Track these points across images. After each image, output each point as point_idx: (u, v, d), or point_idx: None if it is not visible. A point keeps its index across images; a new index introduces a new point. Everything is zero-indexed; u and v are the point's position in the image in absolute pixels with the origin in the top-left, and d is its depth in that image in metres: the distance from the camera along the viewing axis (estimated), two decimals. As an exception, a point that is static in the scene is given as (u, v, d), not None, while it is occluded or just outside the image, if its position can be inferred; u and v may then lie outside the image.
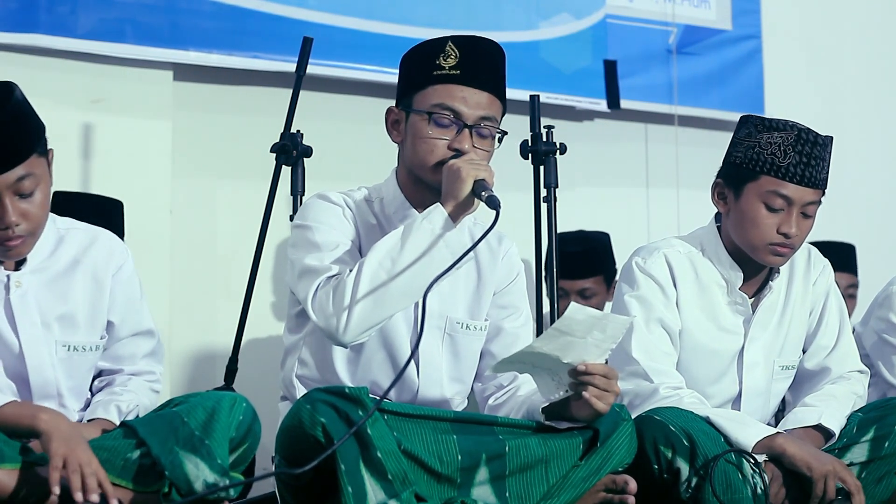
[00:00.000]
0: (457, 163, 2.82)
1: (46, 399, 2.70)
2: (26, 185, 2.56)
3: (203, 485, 2.57)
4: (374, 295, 2.76)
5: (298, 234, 2.94)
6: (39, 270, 2.72)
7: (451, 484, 2.76)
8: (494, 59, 2.97)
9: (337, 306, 2.76)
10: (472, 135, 2.89)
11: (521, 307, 3.12)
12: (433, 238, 2.77)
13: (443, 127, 2.90)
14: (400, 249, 2.77)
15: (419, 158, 2.91)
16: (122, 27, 4.33)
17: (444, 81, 2.90)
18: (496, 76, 2.96)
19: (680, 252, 3.29)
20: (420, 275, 2.75)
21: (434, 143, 2.89)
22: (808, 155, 3.12)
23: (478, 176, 2.79)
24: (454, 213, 2.80)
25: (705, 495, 2.93)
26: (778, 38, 5.80)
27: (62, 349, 2.73)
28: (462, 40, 2.94)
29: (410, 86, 2.95)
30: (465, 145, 2.88)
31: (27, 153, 2.55)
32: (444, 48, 2.92)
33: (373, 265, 2.77)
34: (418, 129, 2.91)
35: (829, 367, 3.33)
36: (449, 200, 2.80)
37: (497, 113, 2.94)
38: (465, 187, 2.78)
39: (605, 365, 2.78)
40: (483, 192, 2.77)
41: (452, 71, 2.90)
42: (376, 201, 3.02)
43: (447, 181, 2.81)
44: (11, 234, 2.57)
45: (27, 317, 2.69)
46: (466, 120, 2.89)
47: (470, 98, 2.90)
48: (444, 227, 2.78)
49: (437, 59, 2.91)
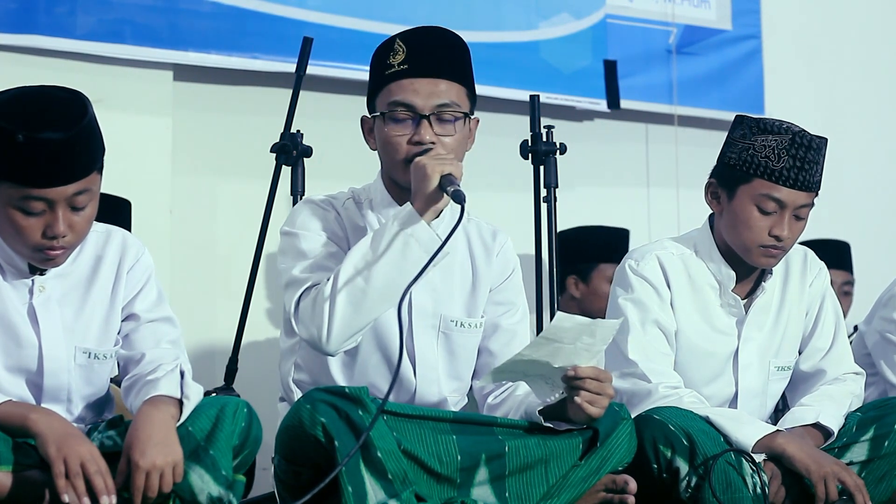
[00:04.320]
0: (422, 159, 2.80)
1: (55, 403, 2.70)
2: (81, 200, 2.57)
3: (207, 498, 2.57)
4: (352, 301, 2.75)
5: (286, 241, 2.94)
6: (63, 275, 2.72)
7: (450, 484, 2.76)
8: (447, 47, 2.95)
9: (317, 318, 2.75)
10: (432, 124, 2.88)
11: (517, 303, 3.10)
12: (404, 237, 2.75)
13: (400, 123, 2.89)
14: (372, 252, 2.76)
15: (388, 160, 2.92)
16: (121, 28, 4.33)
17: (395, 78, 2.90)
18: (450, 61, 2.93)
19: (673, 254, 3.29)
20: (396, 275, 2.74)
21: (396, 142, 2.89)
22: (801, 158, 3.12)
23: (443, 171, 2.76)
24: (423, 209, 2.77)
25: (705, 495, 2.93)
26: (778, 38, 5.80)
27: (82, 355, 2.73)
28: (408, 34, 2.94)
29: (371, 91, 2.96)
30: (425, 137, 2.86)
31: (90, 169, 2.57)
32: (392, 46, 2.92)
33: (348, 272, 2.76)
34: (381, 131, 2.92)
35: (824, 370, 3.33)
36: (417, 198, 2.78)
37: (458, 97, 2.91)
38: (431, 183, 2.76)
39: (595, 368, 2.76)
40: (449, 187, 2.74)
41: (401, 66, 2.90)
42: (365, 202, 3.01)
43: (414, 178, 2.80)
44: (56, 245, 2.58)
45: (49, 321, 2.69)
46: (421, 111, 2.87)
47: (422, 89, 2.88)
48: (413, 224, 2.75)
49: (387, 58, 2.91)
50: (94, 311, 2.76)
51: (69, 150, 2.51)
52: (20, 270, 2.67)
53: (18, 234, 2.56)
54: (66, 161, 2.51)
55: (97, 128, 2.60)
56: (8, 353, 2.65)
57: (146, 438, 2.52)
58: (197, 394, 2.65)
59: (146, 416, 2.57)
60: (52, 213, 2.55)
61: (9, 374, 2.66)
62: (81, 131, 2.53)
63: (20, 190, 2.52)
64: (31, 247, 2.58)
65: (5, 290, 2.66)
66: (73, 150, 2.52)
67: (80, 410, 2.76)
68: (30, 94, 2.57)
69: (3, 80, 2.77)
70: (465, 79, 2.95)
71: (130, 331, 2.80)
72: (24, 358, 2.67)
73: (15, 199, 2.53)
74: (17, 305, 2.67)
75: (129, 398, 2.72)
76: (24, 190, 2.51)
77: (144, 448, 2.51)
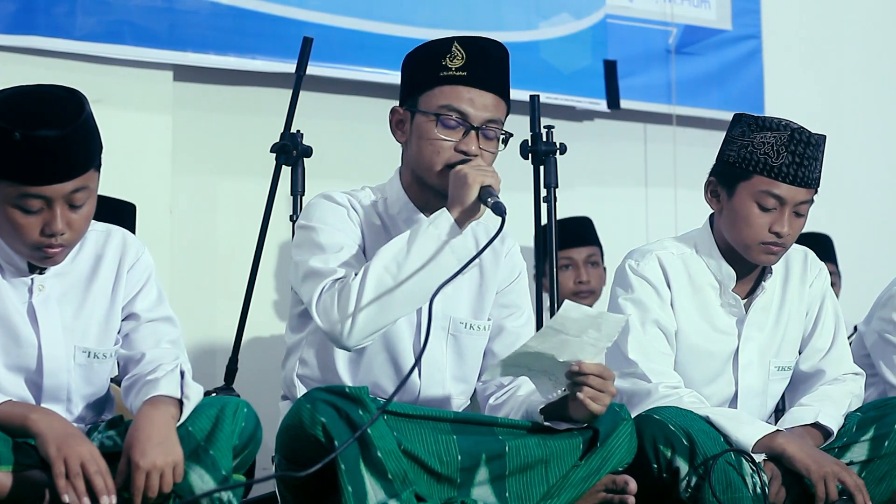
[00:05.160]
0: (463, 168, 2.81)
1: (55, 402, 2.70)
2: (79, 197, 2.57)
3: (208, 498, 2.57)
4: (379, 300, 2.75)
5: (303, 234, 2.93)
6: (62, 275, 2.72)
7: (450, 484, 2.76)
8: (500, 61, 2.96)
9: (342, 311, 2.75)
10: (479, 137, 2.89)
11: (523, 306, 3.11)
12: (439, 244, 2.76)
13: (450, 128, 2.89)
14: (406, 255, 2.76)
15: (425, 160, 2.91)
16: (120, 29, 4.34)
17: (450, 83, 2.89)
18: (501, 78, 2.95)
19: (673, 253, 3.29)
20: (425, 280, 2.75)
21: (440, 145, 2.88)
22: (801, 155, 3.12)
23: (484, 182, 2.77)
24: (460, 218, 2.78)
25: (705, 495, 2.93)
26: (778, 38, 5.80)
27: (82, 354, 2.73)
28: (468, 41, 2.93)
29: (416, 86, 2.94)
30: (471, 147, 2.87)
31: (87, 166, 2.57)
32: (450, 49, 2.91)
33: (378, 270, 2.76)
34: (424, 130, 2.90)
35: (823, 370, 3.33)
36: (455, 206, 2.79)
37: (502, 115, 2.94)
38: (472, 193, 2.77)
39: (599, 365, 2.77)
40: (489, 199, 2.76)
41: (459, 72, 2.89)
42: (380, 202, 3.01)
43: (454, 186, 2.80)
44: (55, 243, 2.58)
45: (49, 320, 2.69)
46: (473, 122, 2.88)
47: (477, 100, 2.89)
48: (451, 233, 2.77)
49: (443, 59, 2.90)
50: (94, 310, 2.76)
51: (66, 148, 2.51)
52: (19, 269, 2.67)
53: (17, 233, 2.56)
54: (63, 158, 2.52)
55: (94, 125, 2.60)
56: (7, 353, 2.65)
57: (146, 438, 2.52)
58: (197, 394, 2.65)
59: (146, 417, 2.57)
60: (51, 210, 2.55)
61: (8, 373, 2.66)
62: (78, 129, 2.53)
63: (18, 188, 2.52)
64: (29, 245, 2.58)
65: (5, 289, 2.66)
66: (71, 147, 2.52)
67: (79, 410, 2.76)
68: (27, 93, 2.57)
69: (3, 80, 2.77)
70: (508, 99, 2.97)
71: (130, 330, 2.80)
72: (24, 357, 2.67)
73: (13, 197, 2.53)
74: (17, 304, 2.66)
75: (129, 398, 2.72)
76: (21, 188, 2.52)
77: (145, 448, 2.50)
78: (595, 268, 4.87)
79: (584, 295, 4.72)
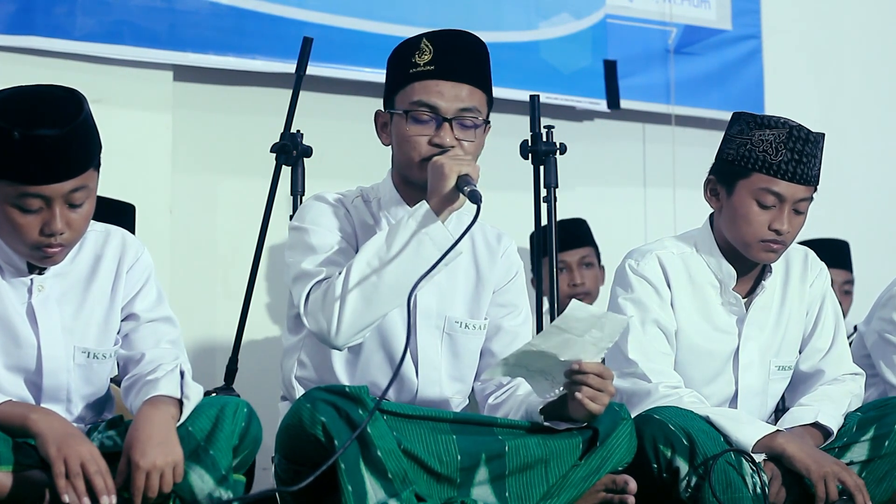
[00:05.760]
0: (440, 159, 2.82)
1: (54, 402, 2.70)
2: (78, 197, 2.58)
3: (207, 498, 2.57)
4: (363, 296, 2.76)
5: (295, 236, 2.94)
6: (62, 275, 2.72)
7: (450, 484, 2.76)
8: (472, 51, 2.96)
9: (327, 309, 2.76)
10: (454, 128, 2.89)
11: (520, 305, 3.11)
12: (419, 235, 2.77)
13: (422, 123, 2.90)
14: (387, 248, 2.78)
15: (404, 158, 2.93)
16: (120, 29, 4.33)
17: (420, 78, 2.91)
18: (475, 67, 2.95)
19: (673, 253, 3.29)
20: (408, 272, 2.75)
21: (416, 141, 2.90)
22: (799, 152, 3.13)
23: (461, 171, 2.79)
24: (438, 208, 2.80)
25: (705, 495, 2.93)
26: (778, 38, 5.80)
27: (81, 355, 2.73)
28: (436, 35, 2.95)
29: (391, 87, 2.97)
30: (445, 140, 2.88)
31: (87, 166, 2.58)
32: (419, 45, 2.93)
33: (361, 266, 2.78)
34: (400, 128, 2.92)
35: (823, 370, 3.33)
36: (433, 196, 2.80)
37: (479, 103, 2.94)
38: (448, 183, 2.78)
39: (599, 364, 2.78)
40: (466, 187, 2.77)
41: (427, 67, 2.91)
42: (374, 201, 3.02)
43: (431, 177, 2.82)
44: (54, 242, 2.58)
45: (48, 320, 2.69)
46: (445, 114, 2.89)
47: (447, 92, 2.90)
48: (426, 221, 2.78)
49: (412, 56, 2.92)
50: (94, 310, 2.76)
51: (65, 147, 2.51)
52: (19, 269, 2.67)
53: (16, 232, 2.57)
54: (62, 158, 2.52)
55: (93, 125, 2.60)
56: (7, 353, 2.66)
57: (146, 438, 2.52)
58: (197, 394, 2.66)
59: (146, 417, 2.57)
60: (50, 210, 2.55)
61: (8, 373, 2.66)
62: (77, 128, 2.54)
63: (17, 187, 2.52)
64: (29, 245, 2.58)
65: (4, 289, 2.66)
66: (70, 146, 2.52)
67: (79, 410, 2.76)
68: (26, 92, 2.58)
69: (3, 80, 2.77)
70: (487, 85, 2.97)
71: (130, 330, 2.80)
72: (23, 357, 2.67)
73: (12, 196, 2.53)
74: (16, 305, 2.67)
75: (129, 398, 2.72)
76: (21, 187, 2.52)
77: (145, 448, 2.51)
78: (590, 269, 4.87)
79: (580, 297, 4.71)
